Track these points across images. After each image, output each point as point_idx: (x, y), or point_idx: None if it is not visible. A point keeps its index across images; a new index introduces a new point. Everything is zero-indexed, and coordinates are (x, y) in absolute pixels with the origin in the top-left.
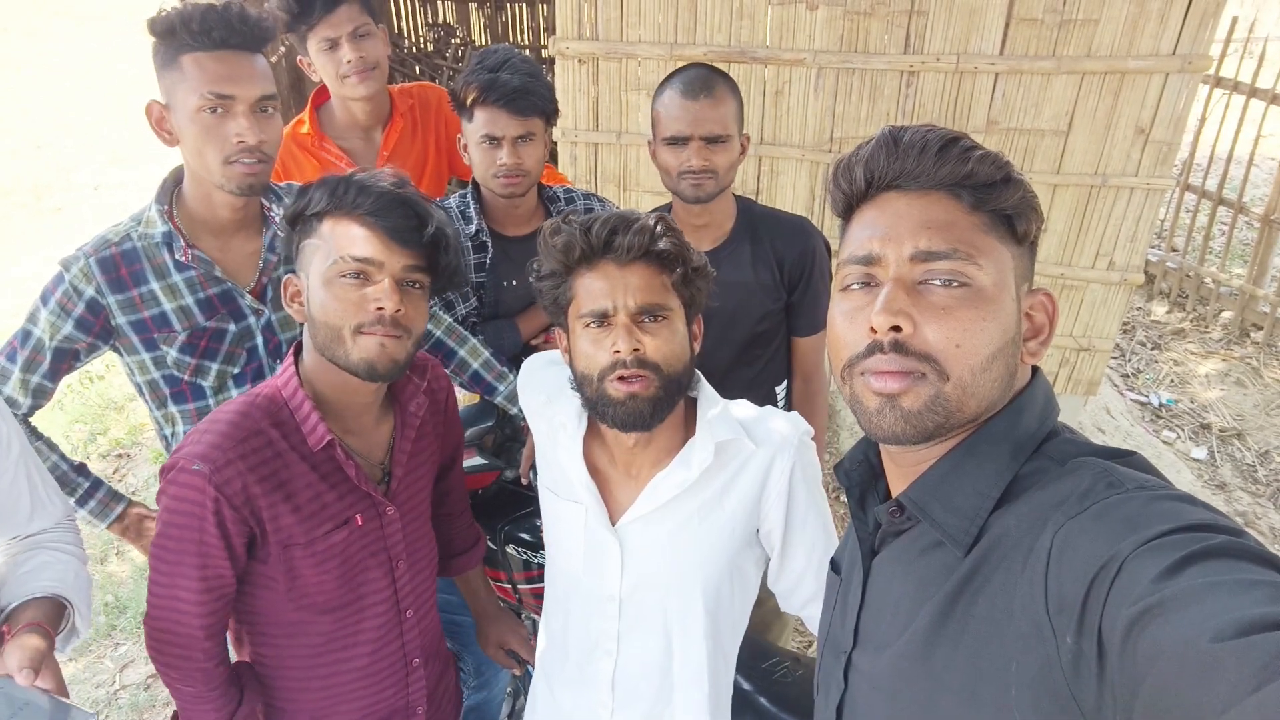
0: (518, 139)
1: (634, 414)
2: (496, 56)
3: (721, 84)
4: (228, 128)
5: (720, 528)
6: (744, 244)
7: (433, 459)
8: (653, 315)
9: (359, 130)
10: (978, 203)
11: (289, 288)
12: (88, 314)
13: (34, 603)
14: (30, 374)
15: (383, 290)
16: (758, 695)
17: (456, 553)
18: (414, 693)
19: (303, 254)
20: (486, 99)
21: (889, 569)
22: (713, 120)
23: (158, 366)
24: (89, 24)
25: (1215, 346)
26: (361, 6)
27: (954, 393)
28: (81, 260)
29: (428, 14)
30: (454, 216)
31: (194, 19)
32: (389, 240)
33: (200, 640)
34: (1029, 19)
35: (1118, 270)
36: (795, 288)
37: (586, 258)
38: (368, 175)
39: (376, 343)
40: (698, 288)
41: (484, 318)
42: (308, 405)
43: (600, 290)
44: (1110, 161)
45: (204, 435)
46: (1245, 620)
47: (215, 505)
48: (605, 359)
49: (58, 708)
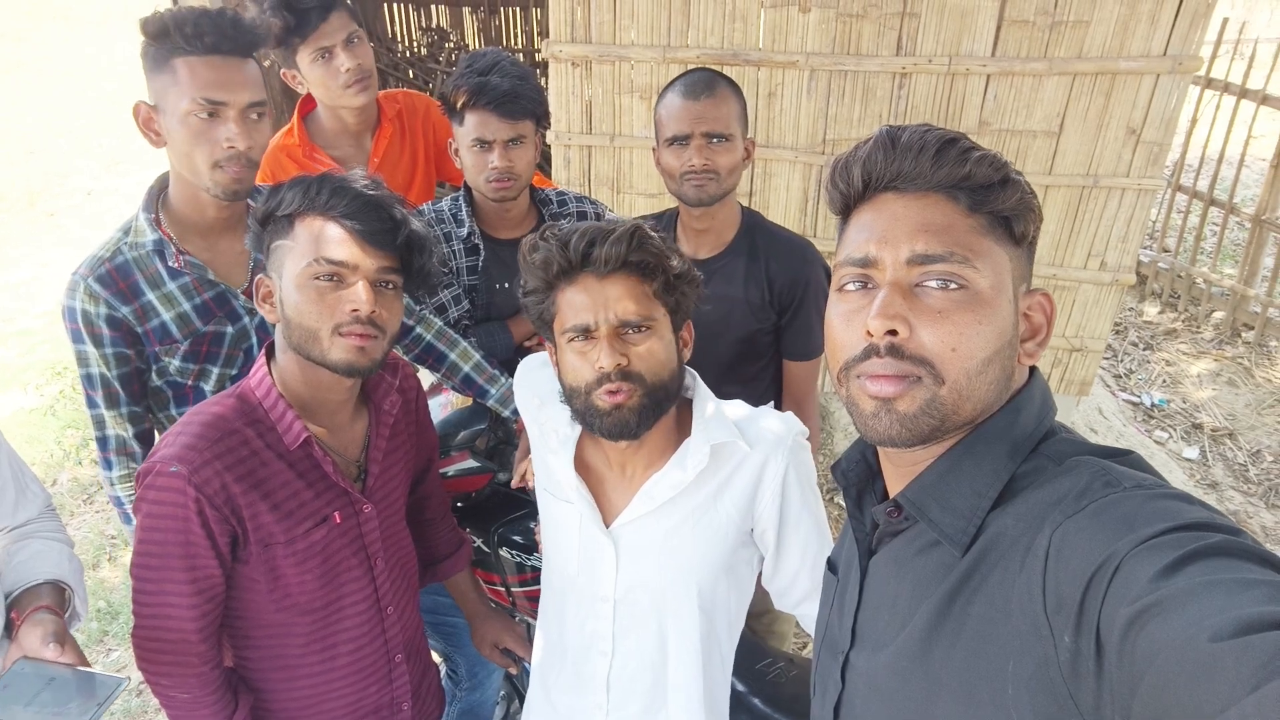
0: (508, 142)
1: (620, 424)
2: (486, 59)
3: (724, 85)
4: (217, 132)
5: (714, 529)
6: (740, 258)
7: (407, 459)
8: (636, 327)
9: (349, 138)
10: (975, 205)
11: (260, 288)
12: (112, 330)
13: (36, 588)
14: (118, 408)
15: (357, 293)
16: (751, 696)
17: (441, 558)
18: (398, 688)
19: (275, 254)
20: (477, 102)
21: (886, 569)
22: (714, 119)
23: (160, 376)
24: (83, 28)
25: (1207, 346)
26: (350, 14)
27: (950, 396)
28: (81, 285)
29: (421, 18)
30: (446, 219)
31: (187, 22)
32: (364, 243)
33: (195, 644)
34: (1020, 21)
35: (1109, 271)
36: (785, 311)
37: (565, 272)
38: (341, 177)
39: (354, 344)
40: (683, 293)
41: (476, 320)
42: (282, 404)
43: (581, 305)
44: (1102, 162)
45: (178, 438)
46: (1244, 619)
47: (198, 505)
48: (590, 374)
49: (83, 678)
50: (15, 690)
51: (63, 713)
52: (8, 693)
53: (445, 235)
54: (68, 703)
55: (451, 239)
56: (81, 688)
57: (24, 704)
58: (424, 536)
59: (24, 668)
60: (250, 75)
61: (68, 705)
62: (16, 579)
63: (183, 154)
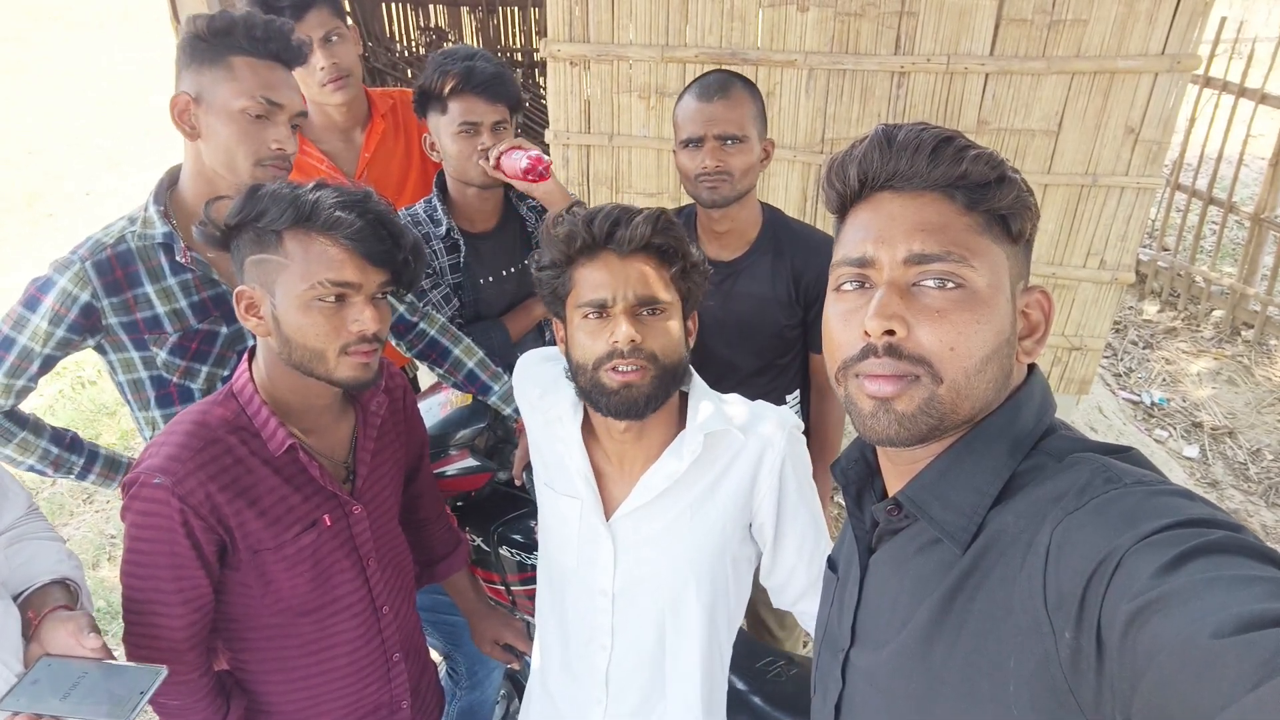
0: (495, 124)
1: (628, 402)
2: (461, 51)
3: (739, 86)
4: (267, 133)
5: (712, 523)
6: (765, 257)
7: (397, 459)
8: (651, 308)
9: (337, 133)
10: (971, 203)
11: (242, 300)
12: (81, 318)
13: (46, 589)
14: (15, 379)
15: (362, 313)
16: (752, 695)
17: (438, 559)
18: (396, 687)
19: (260, 268)
20: (465, 86)
21: (886, 567)
22: (726, 120)
23: (146, 367)
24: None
25: (1206, 345)
26: (331, 10)
27: (948, 395)
28: (77, 264)
29: (419, 17)
30: (422, 220)
31: (257, 26)
32: (367, 264)
33: (183, 652)
34: (1019, 20)
35: (1109, 269)
36: (811, 306)
37: (588, 248)
38: (334, 192)
39: (360, 361)
40: (695, 283)
41: (467, 319)
42: (265, 411)
43: (600, 281)
44: (1100, 161)
45: (161, 448)
46: (1245, 616)
47: (183, 516)
48: (602, 348)
49: (114, 670)
50: (45, 685)
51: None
52: (37, 688)
53: (424, 236)
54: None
55: (430, 239)
56: (117, 680)
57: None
58: (420, 537)
59: (50, 664)
60: (298, 88)
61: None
62: (21, 580)
63: (224, 148)
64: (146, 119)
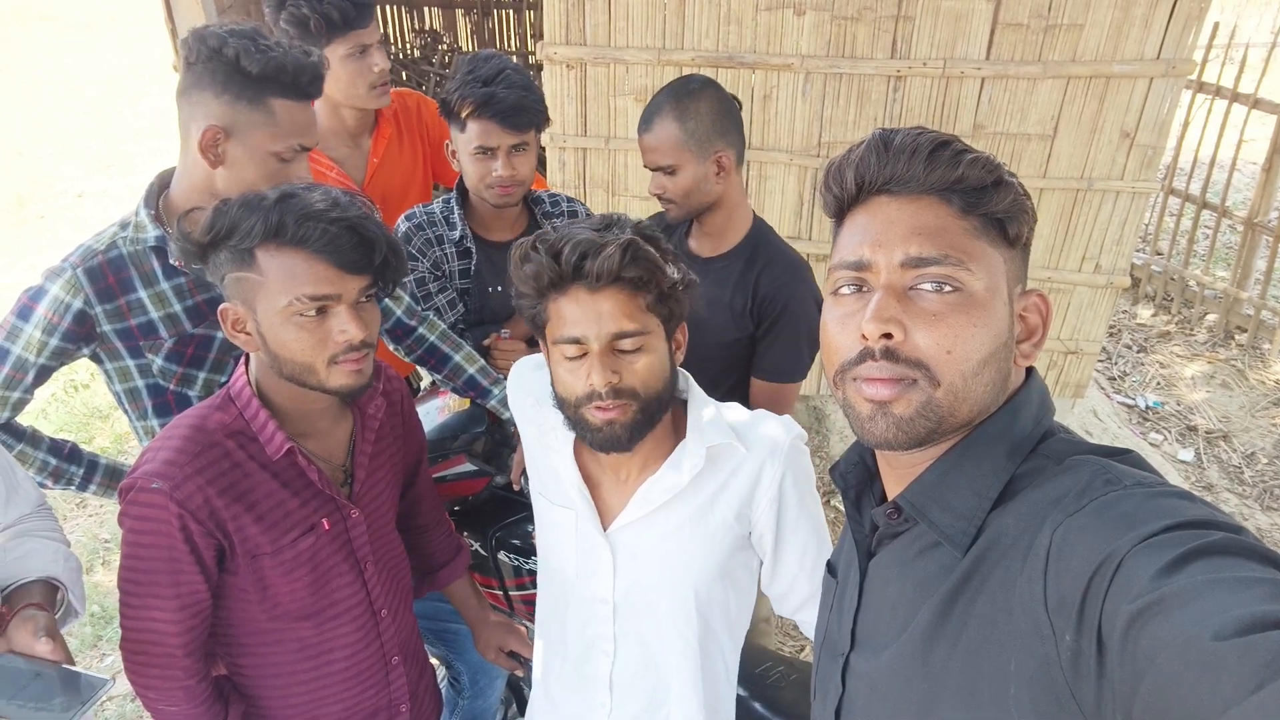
0: (512, 149)
1: (611, 439)
2: (489, 67)
3: (663, 114)
4: (291, 171)
5: (711, 533)
6: (738, 263)
7: (395, 463)
8: (630, 339)
9: (346, 138)
10: (968, 207)
11: (227, 317)
12: (75, 325)
13: (28, 586)
14: (10, 391)
15: (347, 322)
16: (752, 700)
17: (438, 565)
18: (395, 691)
19: (237, 286)
20: (482, 114)
21: (886, 570)
22: (652, 151)
23: (143, 375)
24: (71, 31)
25: (1200, 349)
26: None
27: (946, 399)
28: (68, 272)
29: (415, 20)
30: (437, 221)
31: (304, 71)
32: (343, 273)
33: (180, 658)
34: (1014, 24)
35: (1104, 273)
36: (760, 324)
37: (556, 284)
38: (301, 201)
39: (351, 369)
40: (676, 301)
41: (470, 324)
42: (263, 415)
43: (573, 317)
44: (1095, 165)
45: (158, 453)
46: (1246, 618)
47: (181, 521)
48: (582, 388)
49: (69, 676)
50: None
51: (46, 708)
52: None
53: (437, 238)
54: (52, 699)
55: (443, 241)
56: (67, 685)
57: (8, 697)
58: (420, 543)
59: (10, 662)
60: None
61: (52, 701)
62: (8, 575)
63: (248, 182)
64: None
